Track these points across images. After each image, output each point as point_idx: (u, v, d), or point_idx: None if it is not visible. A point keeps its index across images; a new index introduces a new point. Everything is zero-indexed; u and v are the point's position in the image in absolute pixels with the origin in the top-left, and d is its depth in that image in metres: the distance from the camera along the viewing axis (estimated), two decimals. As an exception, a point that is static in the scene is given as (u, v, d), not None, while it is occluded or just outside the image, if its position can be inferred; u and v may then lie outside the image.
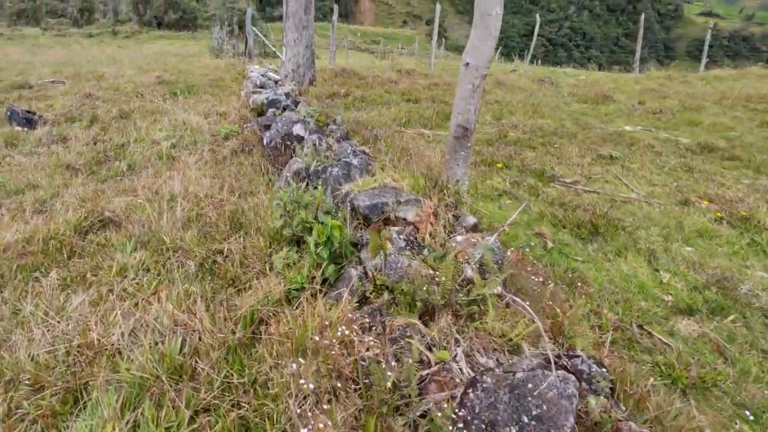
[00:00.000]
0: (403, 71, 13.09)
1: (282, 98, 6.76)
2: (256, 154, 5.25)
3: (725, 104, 9.09)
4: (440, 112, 7.67)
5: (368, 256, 2.30)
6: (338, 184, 3.12)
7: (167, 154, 5.13)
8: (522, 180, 4.84)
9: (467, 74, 2.78)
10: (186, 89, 9.48)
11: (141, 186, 3.93)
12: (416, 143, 6.19)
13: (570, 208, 4.00)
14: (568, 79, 14.14)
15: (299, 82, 9.36)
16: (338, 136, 4.55)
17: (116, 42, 36.88)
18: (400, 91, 9.61)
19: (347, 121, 7.03)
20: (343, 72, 11.84)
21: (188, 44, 33.93)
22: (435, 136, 6.61)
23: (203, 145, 5.68)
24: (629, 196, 4.44)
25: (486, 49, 2.70)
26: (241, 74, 11.62)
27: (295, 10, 9.05)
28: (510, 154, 5.59)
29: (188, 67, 14.32)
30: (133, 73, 11.42)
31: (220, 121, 6.87)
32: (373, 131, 6.23)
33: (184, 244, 2.89)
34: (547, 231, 3.38)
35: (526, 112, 7.83)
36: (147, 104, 7.91)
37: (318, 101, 8.49)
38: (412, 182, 2.96)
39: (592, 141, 6.45)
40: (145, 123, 6.59)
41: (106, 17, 52.19)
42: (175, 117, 6.98)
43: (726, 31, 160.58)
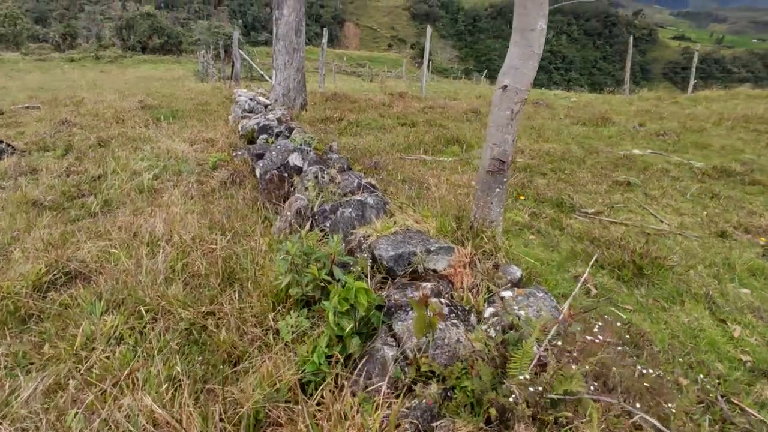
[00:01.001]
0: (395, 94, 12.84)
1: (274, 124, 6.33)
2: (247, 186, 4.78)
3: (726, 125, 8.93)
4: (440, 137, 7.31)
5: (402, 327, 1.84)
6: (351, 227, 2.67)
7: (149, 187, 4.63)
8: (540, 211, 4.44)
9: (505, 99, 2.38)
10: (170, 114, 9.01)
11: (117, 227, 3.41)
12: (419, 170, 5.80)
13: (602, 244, 3.59)
14: (560, 101, 14.04)
15: (290, 107, 8.96)
16: (340, 166, 4.11)
17: (99, 66, 36.42)
18: (394, 115, 9.27)
19: (344, 148, 6.63)
20: (334, 96, 11.52)
21: (173, 68, 33.57)
22: (437, 163, 6.23)
23: (189, 175, 5.19)
24: (661, 228, 4.07)
25: (527, 69, 2.31)
26: (228, 98, 11.21)
27: (286, 32, 8.73)
28: (522, 182, 5.21)
29: (172, 91, 13.88)
30: (114, 98, 10.93)
31: (207, 149, 6.40)
32: (373, 159, 5.82)
33: (166, 304, 2.38)
34: (588, 275, 2.96)
35: (530, 136, 7.52)
36: (128, 131, 7.41)
37: (311, 126, 8.10)
38: (439, 224, 2.53)
39: (602, 166, 6.13)
40: (125, 151, 6.09)
41: (89, 42, 51.82)
42: (158, 144, 6.50)
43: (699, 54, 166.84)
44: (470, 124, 9.07)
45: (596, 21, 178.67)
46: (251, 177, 4.96)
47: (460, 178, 5.50)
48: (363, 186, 3.62)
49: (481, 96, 14.32)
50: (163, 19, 50.86)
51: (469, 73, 66.42)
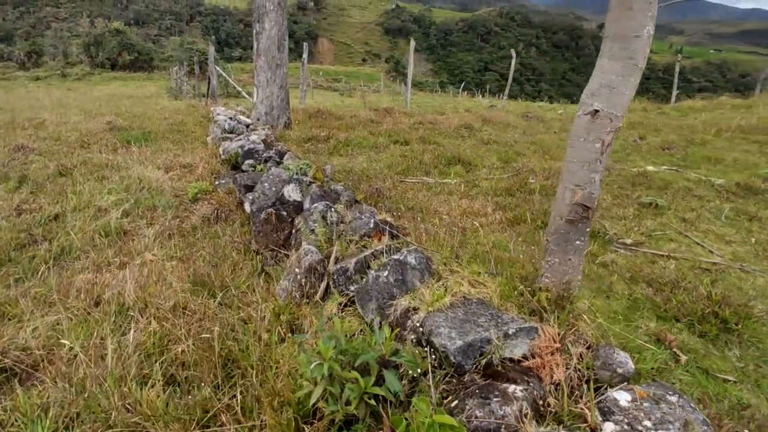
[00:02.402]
0: (381, 110, 12.32)
1: (260, 147, 5.69)
2: (236, 223, 4.11)
3: (725, 137, 8.70)
4: (440, 156, 6.78)
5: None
6: (389, 296, 2.06)
7: (117, 228, 3.91)
8: (572, 242, 3.92)
9: (595, 128, 1.84)
10: (142, 137, 8.24)
11: (75, 290, 2.71)
12: (424, 196, 5.24)
13: (662, 286, 3.07)
14: (548, 113, 13.80)
15: (274, 126, 8.34)
16: (347, 199, 3.51)
17: (66, 84, 35.00)
18: (385, 133, 8.72)
19: (338, 171, 6.03)
20: (318, 113, 10.93)
21: (144, 85, 32.44)
22: (441, 186, 5.68)
23: (165, 210, 4.50)
24: (714, 262, 3.58)
25: (627, 88, 1.78)
26: (205, 117, 10.48)
27: (268, 47, 8.13)
28: (544, 209, 4.69)
29: (144, 110, 13.03)
30: (79, 119, 10.06)
31: (185, 176, 5.70)
32: (373, 185, 5.23)
33: (141, 419, 1.72)
34: (669, 334, 2.41)
35: (535, 153, 7.06)
36: (94, 157, 6.64)
37: (297, 146, 7.47)
38: (503, 288, 1.95)
39: (619, 185, 5.69)
40: (89, 182, 5.33)
41: (56, 60, 50.10)
42: (129, 173, 5.77)
43: (660, 65, 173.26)
44: (465, 140, 8.60)
45: (563, 34, 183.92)
46: (239, 211, 4.29)
47: (471, 204, 4.96)
48: (378, 225, 3.02)
49: (469, 110, 13.96)
50: (133, 35, 49.52)
51: (444, 86, 66.86)
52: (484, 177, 6.02)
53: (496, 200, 5.09)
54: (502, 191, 5.40)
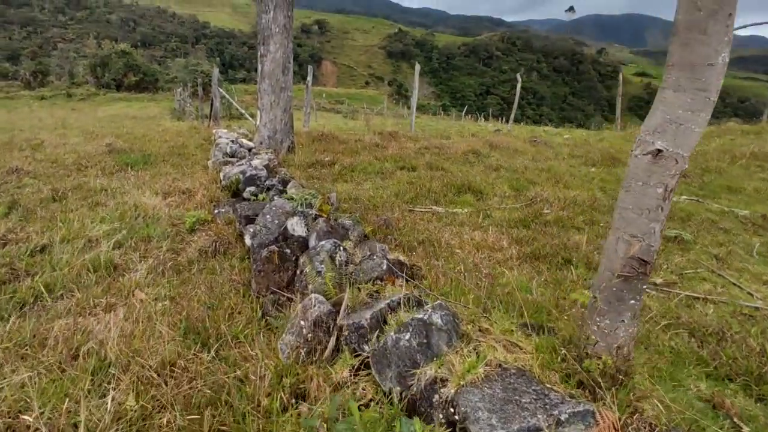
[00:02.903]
0: (385, 134, 12.17)
1: (262, 173, 5.45)
2: (234, 257, 3.83)
3: (740, 164, 8.48)
4: (449, 184, 6.54)
5: None
6: (411, 362, 1.77)
7: (107, 261, 3.63)
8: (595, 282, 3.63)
9: (657, 170, 1.58)
10: (141, 160, 8.03)
11: (52, 338, 2.42)
12: (434, 227, 4.97)
13: (706, 337, 2.77)
14: (554, 138, 13.64)
15: (277, 150, 8.13)
16: (357, 235, 3.24)
17: (70, 104, 35.24)
18: (391, 158, 8.51)
19: (343, 199, 5.77)
20: (322, 136, 10.75)
21: (148, 106, 32.59)
22: (452, 216, 5.42)
23: (161, 241, 4.23)
24: (757, 306, 3.29)
25: (697, 124, 1.52)
26: (206, 140, 10.31)
27: (272, 70, 7.99)
28: (563, 242, 4.41)
29: (146, 131, 12.90)
30: (79, 141, 9.90)
31: (184, 203, 5.45)
32: (380, 215, 4.97)
33: None
34: (726, 400, 2.11)
35: (548, 181, 6.82)
36: (90, 181, 6.41)
37: (301, 172, 7.25)
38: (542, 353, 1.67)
39: (638, 216, 5.43)
40: (82, 208, 5.08)
41: (62, 80, 50.65)
42: (125, 198, 5.52)
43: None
44: (473, 166, 8.38)
45: (564, 59, 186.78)
46: (238, 244, 4.02)
47: (485, 236, 4.68)
48: (391, 268, 2.74)
49: (475, 134, 13.82)
50: (139, 57, 50.13)
51: (446, 109, 67.37)
52: (495, 206, 5.76)
53: (510, 232, 4.82)
54: (516, 222, 5.13)
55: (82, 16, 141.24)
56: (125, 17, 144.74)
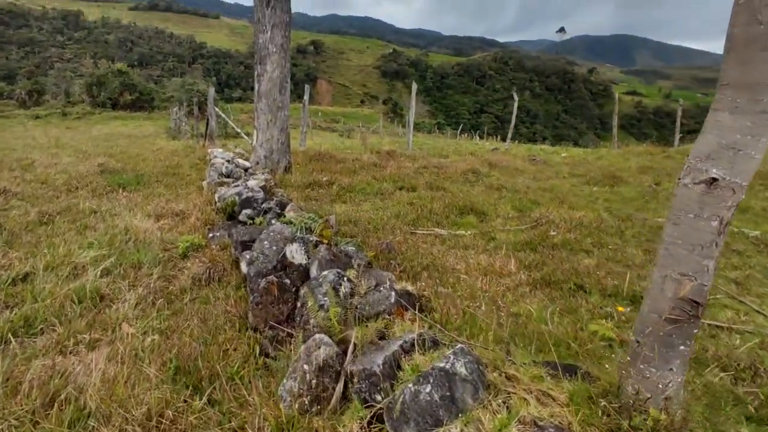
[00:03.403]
0: (383, 153, 12.07)
1: (259, 195, 5.27)
2: (230, 285, 3.62)
3: (742, 184, 8.38)
4: (450, 205, 6.38)
5: None
6: (434, 420, 1.57)
7: (93, 291, 3.40)
8: (612, 310, 3.44)
9: (710, 200, 1.41)
10: (134, 180, 7.84)
11: (27, 382, 2.19)
12: (437, 250, 4.78)
13: (739, 372, 2.58)
14: (552, 156, 13.60)
15: (273, 170, 7.96)
16: (359, 262, 3.04)
17: (65, 123, 35.12)
18: (389, 178, 8.37)
19: (343, 221, 5.59)
20: (318, 155, 10.61)
21: (143, 125, 32.52)
22: (455, 238, 5.24)
23: (152, 267, 4.01)
24: (784, 336, 3.10)
25: (757, 150, 1.36)
26: (202, 160, 10.15)
27: (269, 89, 7.87)
28: (573, 267, 4.23)
29: (140, 150, 12.74)
30: (71, 161, 9.70)
31: (177, 226, 5.25)
32: (382, 239, 4.78)
33: None
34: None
35: (552, 202, 6.68)
36: (80, 202, 6.20)
37: (298, 193, 7.07)
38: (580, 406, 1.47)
39: (647, 238, 5.27)
40: (70, 233, 4.86)
41: (57, 99, 50.65)
42: (116, 221, 5.31)
43: (650, 108, 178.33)
44: (473, 186, 8.25)
45: (556, 78, 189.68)
46: (234, 271, 3.81)
47: (491, 260, 4.50)
48: (399, 300, 2.55)
49: (473, 153, 13.75)
50: (136, 76, 50.30)
51: (441, 127, 67.86)
52: (500, 228, 5.60)
53: (517, 256, 4.64)
54: (522, 245, 4.96)
55: (81, 36, 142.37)
56: (123, 37, 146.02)
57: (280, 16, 7.52)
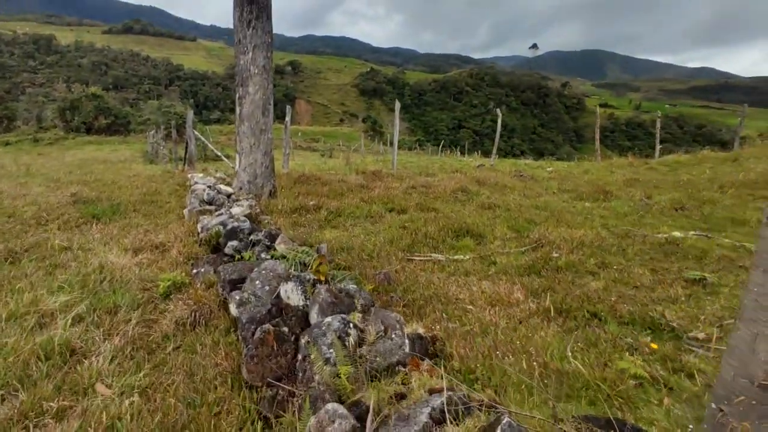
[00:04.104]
0: (369, 173, 11.85)
1: (245, 225, 4.95)
2: (217, 330, 3.28)
3: (731, 193, 8.41)
4: (445, 227, 6.15)
5: None
6: None
7: (63, 345, 3.03)
8: (633, 341, 3.22)
9: None
10: (110, 210, 7.42)
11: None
12: (438, 278, 4.53)
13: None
14: (538, 171, 13.58)
15: (257, 195, 7.65)
16: (363, 303, 2.76)
17: (37, 149, 34.12)
18: (378, 199, 8.13)
19: (334, 248, 5.30)
20: (303, 178, 10.32)
21: (119, 149, 31.76)
22: (454, 264, 5.00)
23: (130, 311, 3.64)
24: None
25: None
26: (181, 185, 9.76)
27: (251, 112, 7.61)
28: (585, 293, 4.01)
29: (115, 177, 12.25)
30: (42, 190, 9.20)
31: (158, 261, 4.87)
32: (380, 270, 4.50)
33: None
34: None
35: (548, 220, 6.50)
36: (51, 237, 5.77)
37: (285, 218, 6.77)
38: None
39: (650, 256, 5.12)
40: (38, 273, 4.45)
41: (29, 124, 49.37)
42: (89, 258, 4.91)
43: (622, 119, 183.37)
44: (464, 206, 8.06)
45: (531, 92, 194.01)
46: (222, 312, 3.47)
47: (496, 288, 4.26)
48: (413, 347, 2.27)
49: (458, 171, 13.64)
50: (111, 99, 49.42)
51: (422, 144, 68.30)
52: (498, 251, 5.38)
53: (521, 281, 4.41)
54: (525, 269, 4.74)
55: (53, 60, 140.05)
56: (97, 61, 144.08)
57: (261, 36, 7.30)
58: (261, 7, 7.26)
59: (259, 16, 7.23)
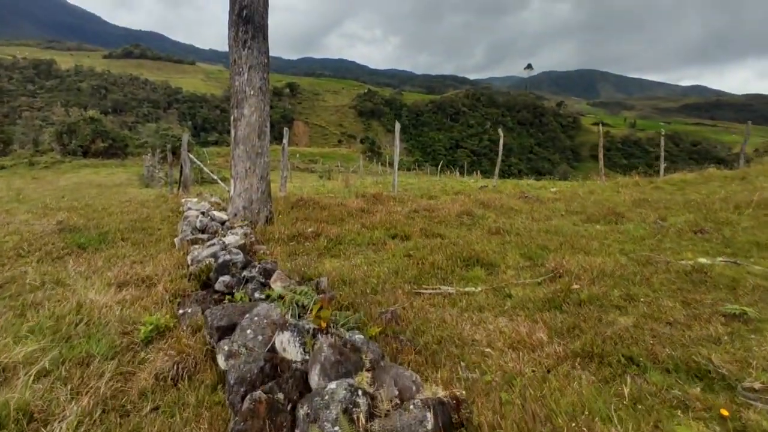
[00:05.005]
0: (369, 196, 11.49)
1: (237, 257, 4.55)
2: (203, 386, 2.85)
3: (748, 214, 8.05)
4: (452, 255, 5.76)
5: None
6: None
7: (20, 408, 2.60)
8: (681, 393, 2.80)
9: None
10: (96, 239, 7.02)
11: None
12: (449, 315, 4.12)
13: None
14: (542, 192, 13.26)
15: (253, 222, 7.26)
16: (373, 358, 2.35)
17: (32, 173, 33.90)
18: (380, 225, 7.74)
19: (333, 280, 4.90)
20: (301, 202, 9.96)
21: (115, 172, 31.53)
22: (466, 297, 4.59)
23: (104, 362, 3.22)
24: None
25: None
26: (174, 211, 9.37)
27: (247, 135, 7.28)
28: (618, 334, 3.59)
29: (108, 201, 11.88)
30: (27, 218, 8.79)
31: (142, 298, 4.45)
32: (386, 308, 4.09)
33: None
34: None
35: (562, 247, 6.11)
36: (30, 270, 5.36)
37: (282, 247, 6.38)
38: None
39: (677, 286, 4.72)
40: (7, 315, 4.02)
41: (26, 148, 49.28)
42: (66, 295, 4.49)
43: (618, 137, 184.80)
44: (471, 230, 7.68)
45: (527, 112, 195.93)
46: (209, 363, 3.04)
47: (514, 326, 3.85)
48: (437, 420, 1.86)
49: (460, 192, 13.31)
50: (109, 123, 49.46)
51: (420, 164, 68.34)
52: (512, 281, 4.98)
53: (542, 318, 4.00)
54: (544, 304, 4.33)
55: (52, 84, 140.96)
56: (96, 85, 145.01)
57: (257, 57, 7.03)
58: (257, 27, 7.00)
59: (254, 36, 6.97)
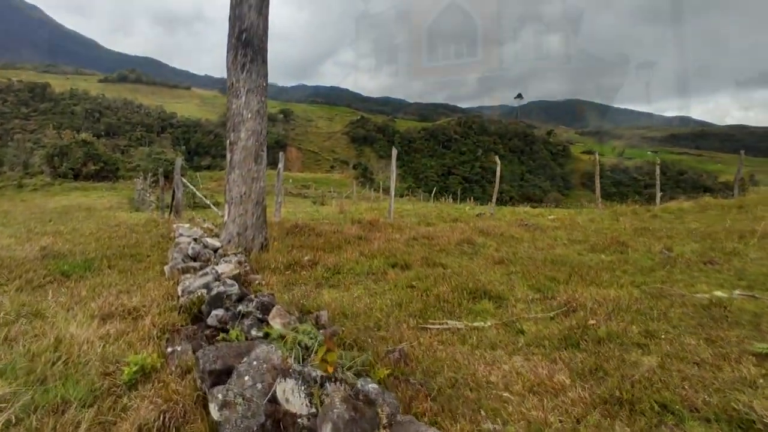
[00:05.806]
0: (365, 222, 11.26)
1: (232, 289, 4.25)
2: (192, 441, 2.52)
3: (754, 244, 7.90)
4: (457, 287, 5.49)
5: None
6: None
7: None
8: (724, 446, 2.53)
9: None
10: (82, 266, 6.66)
11: None
12: (459, 353, 3.84)
13: None
14: (540, 220, 13.11)
15: (247, 249, 6.97)
16: (389, 411, 2.06)
17: (20, 196, 33.37)
18: (379, 253, 7.48)
19: (334, 314, 4.60)
20: (296, 228, 9.69)
21: (106, 196, 31.08)
22: (476, 333, 4.31)
23: (82, 409, 2.87)
24: None
25: None
26: (165, 237, 9.03)
27: (242, 159, 7.06)
28: (647, 377, 3.32)
29: (96, 226, 11.50)
30: (9, 243, 8.41)
31: (127, 332, 4.11)
32: (395, 348, 3.80)
33: None
34: None
35: (571, 278, 5.87)
36: (6, 303, 4.99)
37: (278, 276, 6.08)
38: None
39: (697, 322, 4.48)
40: (-21, 353, 3.67)
41: (15, 170, 48.75)
42: (44, 330, 4.14)
43: (607, 166, 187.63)
44: (473, 259, 7.44)
45: (517, 140, 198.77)
46: (200, 412, 2.72)
47: (531, 366, 3.58)
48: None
49: (458, 219, 13.13)
50: (101, 146, 49.16)
51: (413, 191, 68.48)
52: (523, 316, 4.71)
53: (560, 357, 3.73)
54: (560, 341, 4.06)
55: (46, 107, 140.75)
56: (90, 108, 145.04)
57: (256, 80, 6.87)
58: (256, 50, 6.88)
59: (254, 60, 6.84)
